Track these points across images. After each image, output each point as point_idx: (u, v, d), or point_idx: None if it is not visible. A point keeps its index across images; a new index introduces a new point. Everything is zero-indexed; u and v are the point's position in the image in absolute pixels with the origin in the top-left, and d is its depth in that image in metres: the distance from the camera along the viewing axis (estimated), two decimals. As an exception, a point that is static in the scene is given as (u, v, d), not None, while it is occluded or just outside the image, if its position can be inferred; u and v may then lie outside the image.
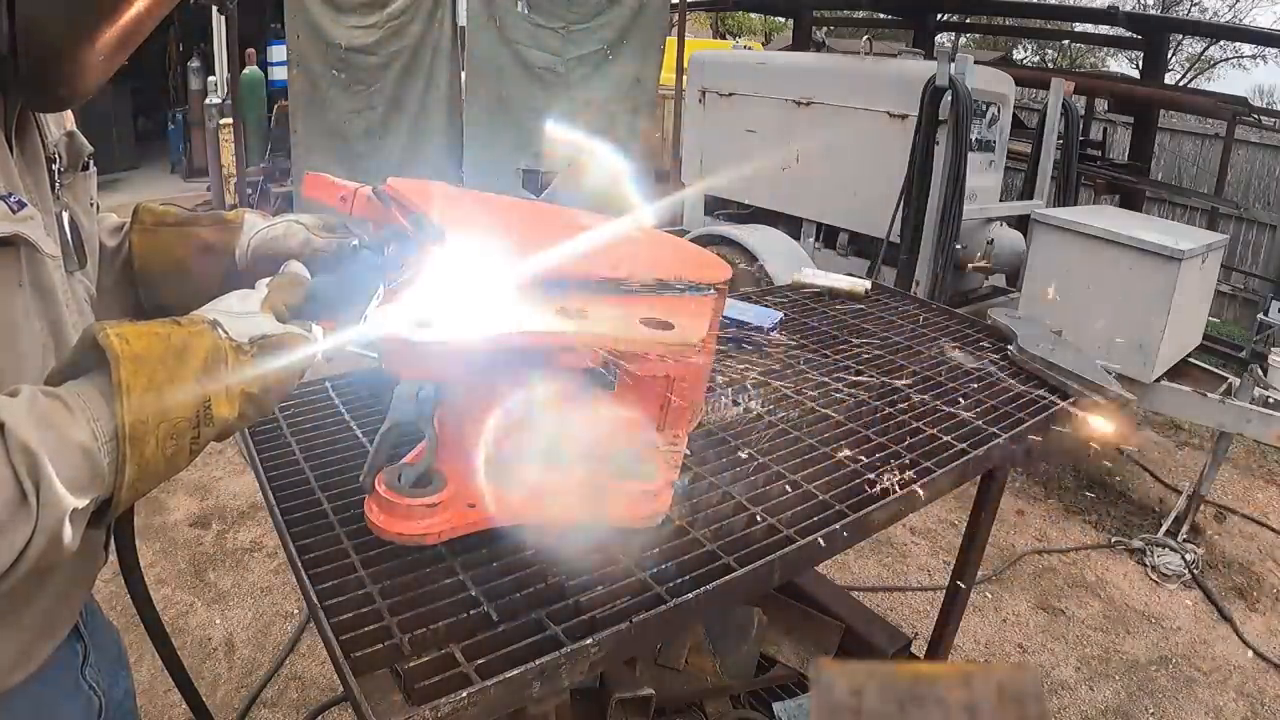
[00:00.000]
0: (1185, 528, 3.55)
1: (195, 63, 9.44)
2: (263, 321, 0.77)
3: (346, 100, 6.13)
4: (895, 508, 1.26)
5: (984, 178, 4.69)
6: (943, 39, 11.14)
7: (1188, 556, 3.39)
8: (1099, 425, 1.58)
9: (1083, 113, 6.66)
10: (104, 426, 0.65)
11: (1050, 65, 17.91)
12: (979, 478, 1.69)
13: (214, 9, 8.00)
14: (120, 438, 0.65)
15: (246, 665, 2.53)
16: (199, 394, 0.70)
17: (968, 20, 8.67)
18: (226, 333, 0.74)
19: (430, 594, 0.96)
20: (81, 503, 0.64)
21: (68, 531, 0.63)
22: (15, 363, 0.75)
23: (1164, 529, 3.57)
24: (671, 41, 6.88)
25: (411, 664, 0.85)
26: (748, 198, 5.31)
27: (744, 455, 1.32)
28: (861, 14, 8.36)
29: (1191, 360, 3.92)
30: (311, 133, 6.13)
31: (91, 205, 0.94)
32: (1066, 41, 16.31)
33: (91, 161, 0.93)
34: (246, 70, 7.92)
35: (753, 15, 18.05)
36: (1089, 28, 9.64)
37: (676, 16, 6.97)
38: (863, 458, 1.35)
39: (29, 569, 0.63)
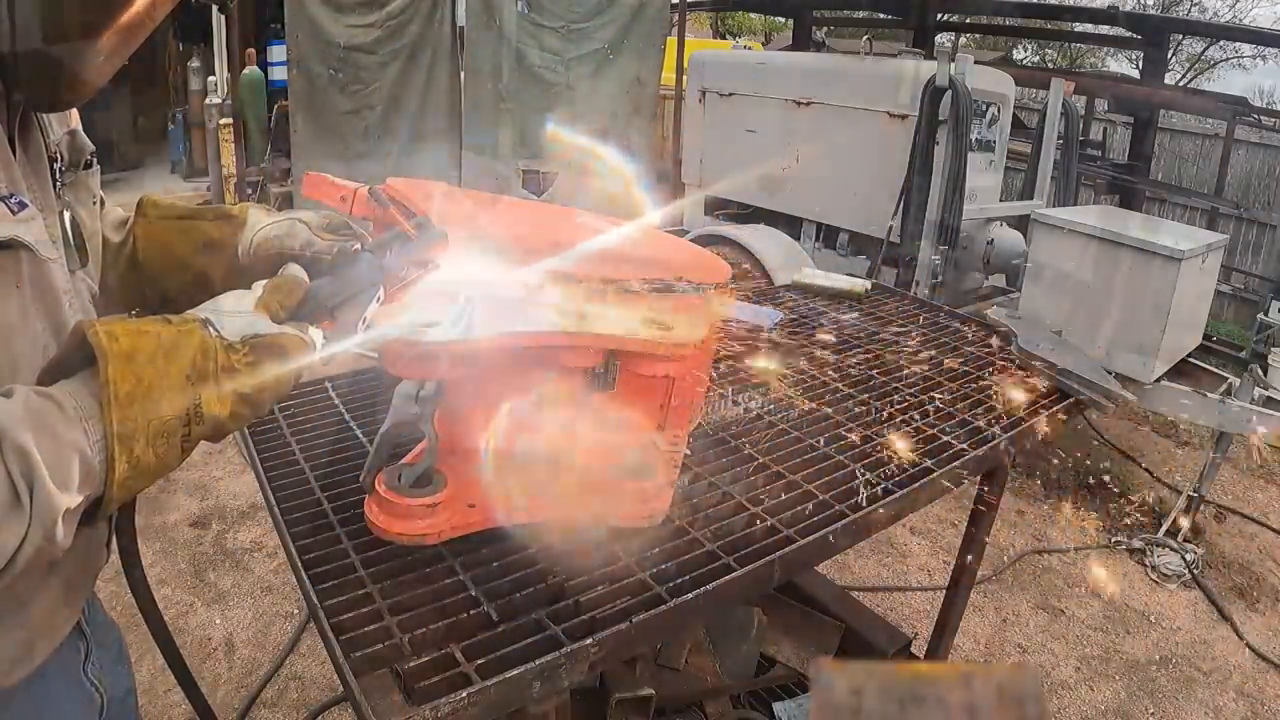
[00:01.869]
0: (1185, 528, 3.54)
1: (195, 63, 9.43)
2: (256, 321, 0.77)
3: (346, 100, 6.12)
4: (895, 508, 1.26)
5: (984, 178, 4.69)
6: (943, 39, 11.16)
7: (1188, 556, 3.39)
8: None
9: (1083, 113, 6.66)
10: (96, 426, 0.65)
11: (1050, 65, 17.90)
12: (979, 478, 1.69)
13: (214, 9, 8.00)
14: (109, 436, 0.65)
15: (246, 665, 2.53)
16: (188, 393, 0.70)
17: (968, 20, 8.67)
18: (218, 331, 0.73)
19: (430, 594, 0.96)
20: (74, 502, 0.64)
21: (60, 531, 0.64)
22: (10, 364, 0.74)
23: (1164, 529, 3.57)
24: (671, 41, 6.88)
25: (411, 664, 0.85)
26: (748, 198, 5.31)
27: (744, 455, 1.32)
28: (861, 14, 8.36)
29: (1191, 360, 3.91)
30: (311, 133, 6.13)
31: (95, 203, 0.94)
32: (1066, 42, 16.30)
33: (94, 159, 0.93)
34: (246, 70, 7.91)
35: (753, 15, 18.05)
36: (1089, 28, 9.62)
37: (676, 16, 6.97)
38: (863, 458, 1.35)
39: (23, 568, 0.63)
